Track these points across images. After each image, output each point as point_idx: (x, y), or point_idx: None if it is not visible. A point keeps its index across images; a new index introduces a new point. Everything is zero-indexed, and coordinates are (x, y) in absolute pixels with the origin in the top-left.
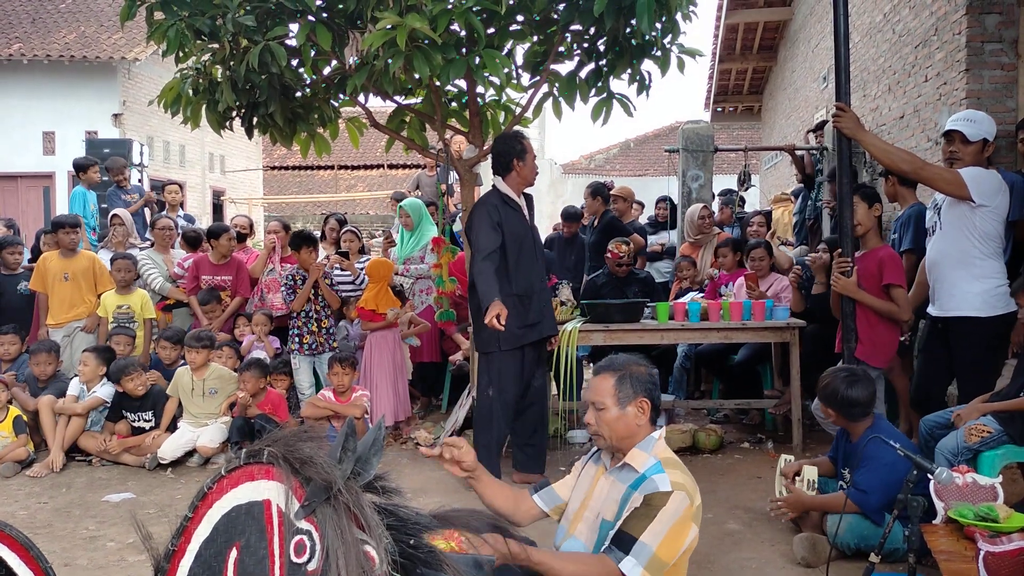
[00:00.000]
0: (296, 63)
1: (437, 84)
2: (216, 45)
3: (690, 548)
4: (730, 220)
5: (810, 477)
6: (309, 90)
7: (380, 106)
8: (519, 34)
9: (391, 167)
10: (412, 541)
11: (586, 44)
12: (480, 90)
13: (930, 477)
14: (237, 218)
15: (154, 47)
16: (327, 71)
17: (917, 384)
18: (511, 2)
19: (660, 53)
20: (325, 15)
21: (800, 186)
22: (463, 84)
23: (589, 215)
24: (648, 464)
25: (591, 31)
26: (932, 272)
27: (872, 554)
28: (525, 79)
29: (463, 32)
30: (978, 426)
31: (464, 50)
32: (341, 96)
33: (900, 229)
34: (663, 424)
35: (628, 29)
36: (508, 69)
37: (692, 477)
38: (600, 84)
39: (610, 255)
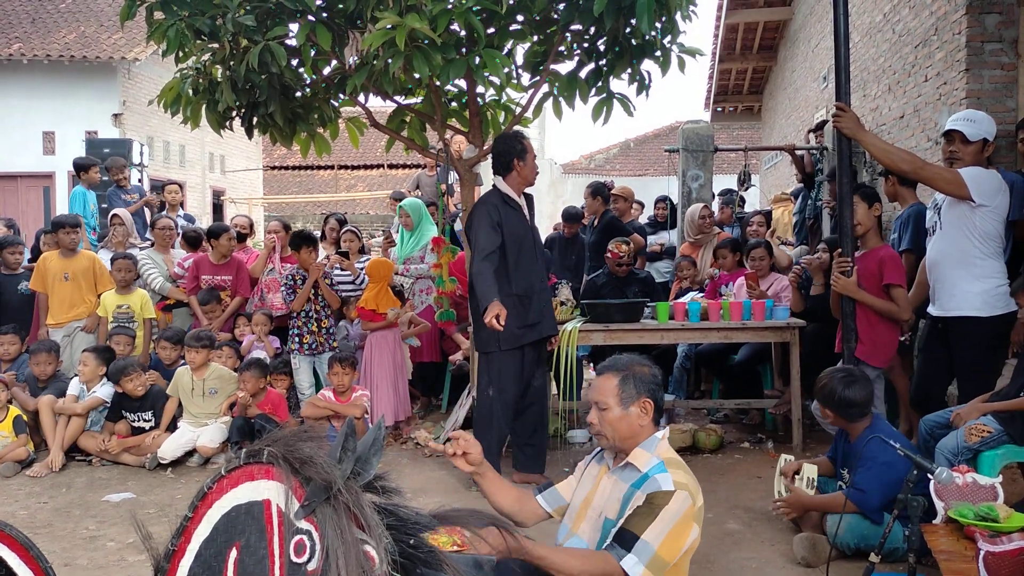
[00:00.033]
0: (296, 63)
1: (437, 84)
2: (216, 45)
3: (692, 549)
4: (730, 220)
5: (810, 475)
6: (309, 90)
7: (380, 106)
8: (519, 34)
9: (391, 167)
10: (412, 541)
11: (586, 44)
12: (480, 90)
13: (930, 477)
14: (237, 218)
15: (154, 47)
16: (327, 71)
17: (917, 384)
18: (511, 2)
19: (660, 53)
20: (325, 15)
21: (800, 186)
22: (463, 84)
23: (589, 215)
24: (651, 464)
25: (591, 31)
26: (932, 272)
27: (872, 554)
28: (525, 79)
29: (463, 32)
30: (978, 426)
31: (464, 50)
32: (341, 96)
33: (900, 229)
34: (665, 424)
35: (628, 29)
36: (508, 69)
37: (695, 478)
38: (600, 84)
39: (610, 255)
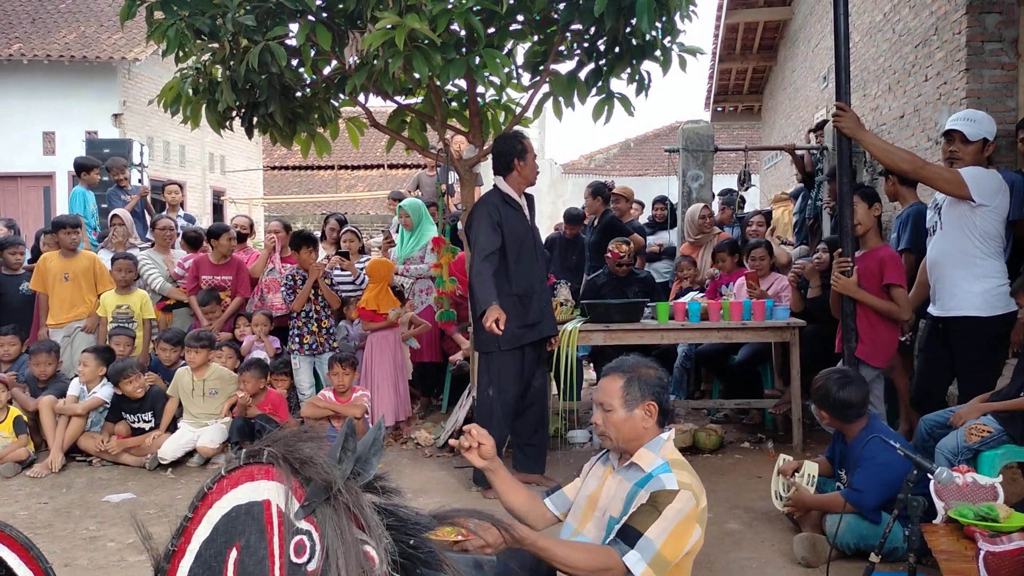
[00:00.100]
0: (296, 63)
1: (437, 84)
2: (216, 45)
3: (694, 550)
4: (730, 220)
5: (811, 472)
6: (309, 90)
7: (380, 106)
8: (519, 34)
9: (391, 167)
10: (412, 541)
11: (586, 44)
12: (480, 90)
13: (930, 477)
14: (237, 218)
15: (154, 47)
16: (327, 71)
17: (918, 384)
18: (511, 2)
19: (660, 53)
20: (325, 15)
21: (800, 186)
22: (463, 84)
23: (589, 215)
24: (655, 464)
25: (591, 31)
26: (933, 272)
27: (872, 554)
28: (525, 79)
29: (463, 32)
30: (978, 426)
31: (464, 50)
32: (341, 96)
33: (899, 228)
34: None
35: (628, 29)
36: (508, 69)
37: (699, 480)
38: (600, 84)
39: (610, 255)
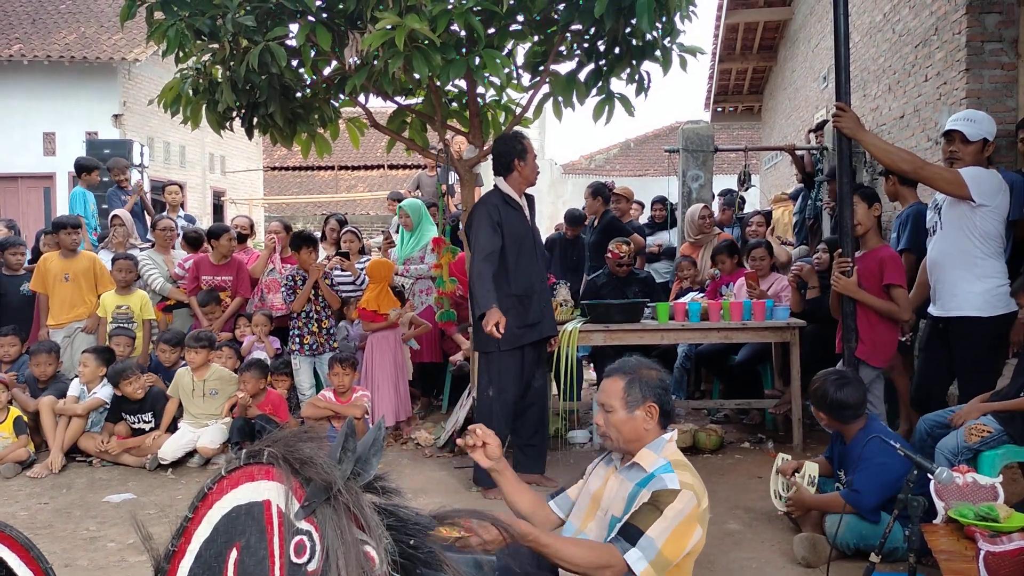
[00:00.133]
0: (296, 63)
1: (437, 84)
2: (216, 45)
3: (695, 551)
4: (730, 221)
5: (811, 473)
6: (309, 90)
7: (380, 106)
8: (519, 34)
9: (391, 167)
10: (412, 541)
11: (586, 44)
12: (480, 90)
13: (930, 477)
14: (238, 219)
15: (154, 47)
16: (327, 71)
17: (918, 384)
18: (511, 2)
19: (660, 53)
20: (325, 15)
21: (800, 186)
22: (463, 84)
23: (590, 215)
24: (658, 464)
25: (591, 31)
26: (933, 272)
27: (872, 554)
28: (525, 79)
29: (463, 32)
30: (978, 426)
31: (464, 50)
32: (341, 96)
33: (899, 228)
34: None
35: (628, 29)
36: (508, 69)
37: (701, 481)
38: (600, 84)
39: (610, 255)
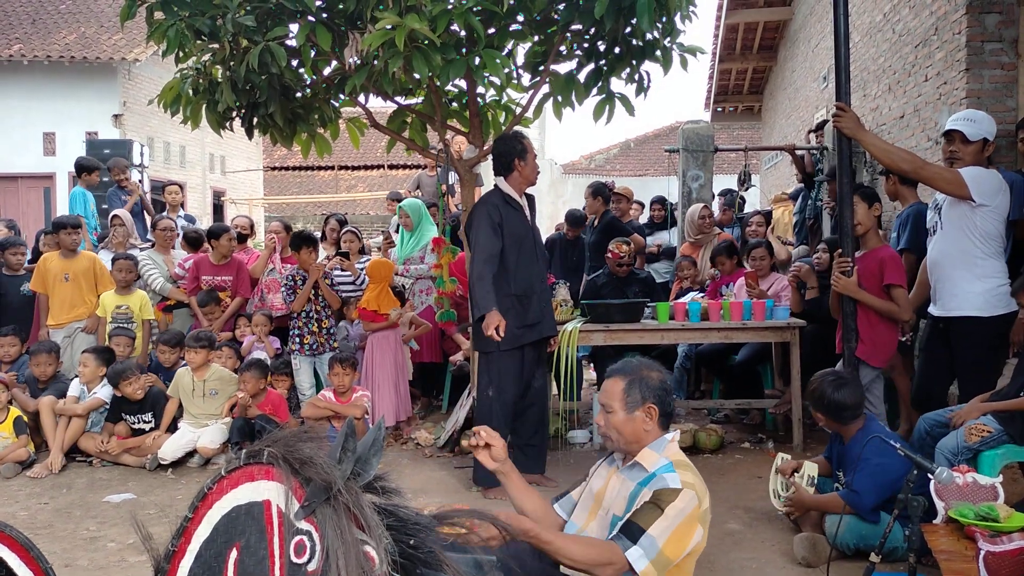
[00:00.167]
0: (296, 63)
1: (437, 84)
2: (216, 45)
3: (696, 551)
4: (730, 221)
5: (810, 472)
6: (309, 90)
7: (380, 106)
8: (519, 34)
9: (391, 167)
10: (412, 541)
11: (586, 44)
12: (480, 90)
13: (930, 477)
14: (238, 219)
15: (154, 47)
16: (327, 71)
17: (918, 384)
18: (511, 2)
19: (660, 53)
20: (325, 15)
21: (799, 186)
22: (463, 84)
23: (590, 215)
24: (659, 464)
25: (591, 31)
26: (933, 272)
27: (872, 554)
28: (525, 79)
29: (463, 32)
30: (978, 426)
31: (464, 50)
32: (341, 96)
33: (899, 228)
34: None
35: (628, 29)
36: (508, 69)
37: (703, 481)
38: (600, 84)
39: (610, 255)
